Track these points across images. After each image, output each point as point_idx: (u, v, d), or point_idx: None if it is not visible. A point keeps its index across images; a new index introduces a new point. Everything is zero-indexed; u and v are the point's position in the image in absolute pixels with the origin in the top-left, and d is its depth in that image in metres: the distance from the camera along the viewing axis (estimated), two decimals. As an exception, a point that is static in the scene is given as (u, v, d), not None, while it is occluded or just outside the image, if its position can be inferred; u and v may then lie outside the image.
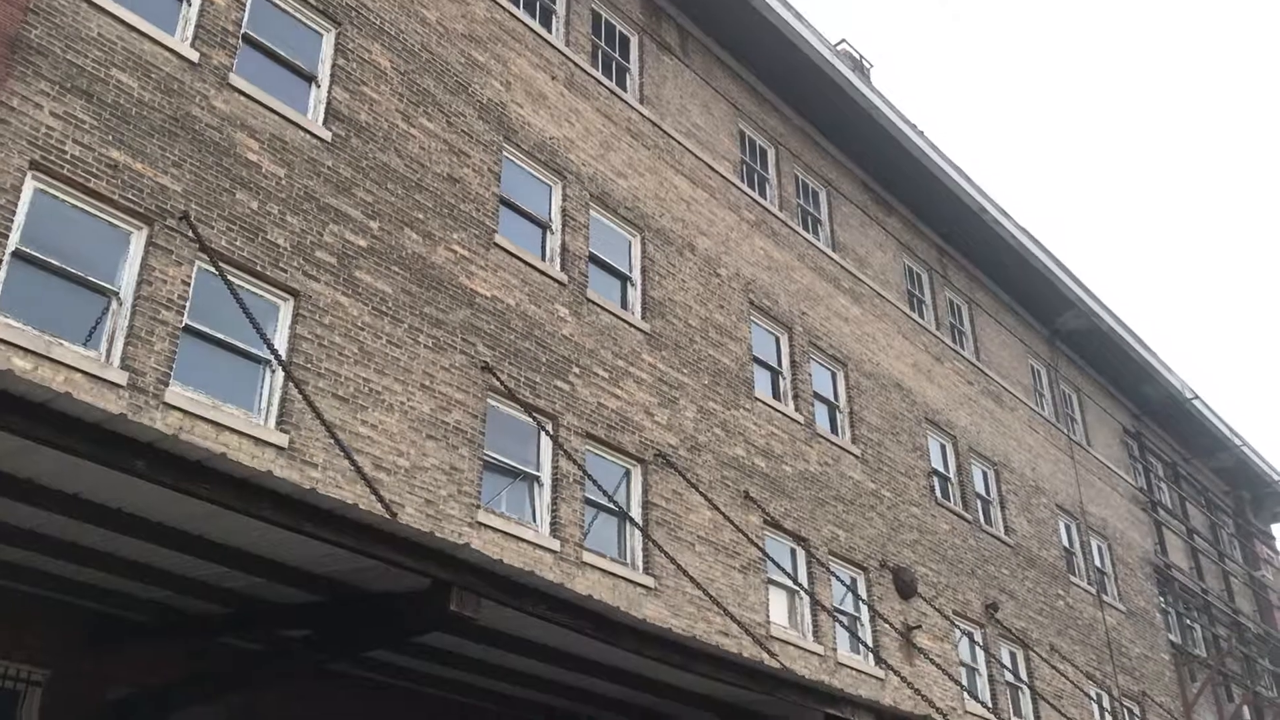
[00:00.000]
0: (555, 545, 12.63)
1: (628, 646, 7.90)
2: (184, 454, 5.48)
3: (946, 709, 16.76)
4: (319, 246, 11.12)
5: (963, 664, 18.71)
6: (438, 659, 8.79)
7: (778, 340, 17.75)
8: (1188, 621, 27.54)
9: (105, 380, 8.93)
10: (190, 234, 9.92)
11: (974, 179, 22.19)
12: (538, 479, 13.06)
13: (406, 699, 10.18)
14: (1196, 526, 29.96)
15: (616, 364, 14.32)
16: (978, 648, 19.18)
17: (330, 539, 6.08)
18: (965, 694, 17.98)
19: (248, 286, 10.42)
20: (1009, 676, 19.85)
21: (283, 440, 10.12)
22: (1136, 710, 22.91)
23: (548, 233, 14.32)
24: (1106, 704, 22.03)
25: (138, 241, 9.79)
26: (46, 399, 4.97)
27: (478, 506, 11.98)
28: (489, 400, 12.58)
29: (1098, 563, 24.25)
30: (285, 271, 10.73)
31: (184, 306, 9.91)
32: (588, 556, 12.99)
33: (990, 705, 18.38)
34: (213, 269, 9.93)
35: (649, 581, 13.54)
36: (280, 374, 10.29)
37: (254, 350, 10.38)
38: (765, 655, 11.76)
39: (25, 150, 9.12)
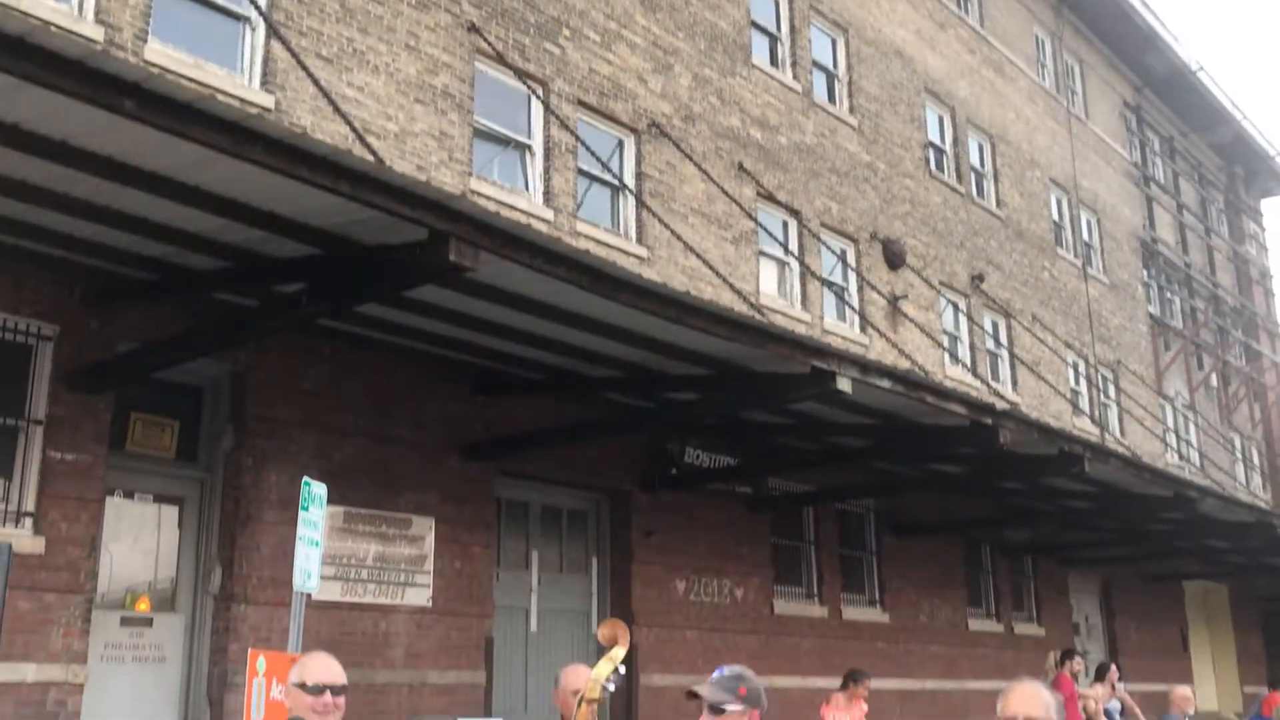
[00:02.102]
0: (549, 215, 12.67)
1: (624, 301, 8.05)
2: (173, 94, 5.35)
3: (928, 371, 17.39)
4: (291, -107, 10.42)
5: (946, 332, 19.29)
6: (433, 315, 9.00)
7: (777, 2, 17.07)
8: (1168, 295, 28.18)
9: (79, 35, 8.60)
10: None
11: None
12: (529, 148, 12.92)
13: (402, 356, 10.52)
14: (1187, 202, 30.08)
15: (608, 26, 13.82)
16: (961, 317, 19.71)
17: (325, 185, 6.04)
18: (947, 358, 18.64)
19: (219, -64, 9.86)
20: (990, 344, 20.52)
21: (268, 101, 9.91)
22: (1110, 377, 23.84)
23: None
24: (1082, 370, 22.91)
25: (97, -116, 9.16)
26: (24, 31, 4.79)
27: (469, 174, 11.91)
28: (477, 64, 12.22)
29: (1085, 236, 24.50)
30: (257, -80, 10.11)
31: (154, -43, 9.42)
32: (581, 227, 13.06)
33: (970, 369, 19.09)
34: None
35: (642, 252, 13.69)
36: (262, 32, 9.93)
37: (234, 7, 9.97)
38: (756, 315, 12.06)
39: None
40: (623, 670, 5.13)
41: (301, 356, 10.04)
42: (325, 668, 4.27)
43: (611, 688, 5.09)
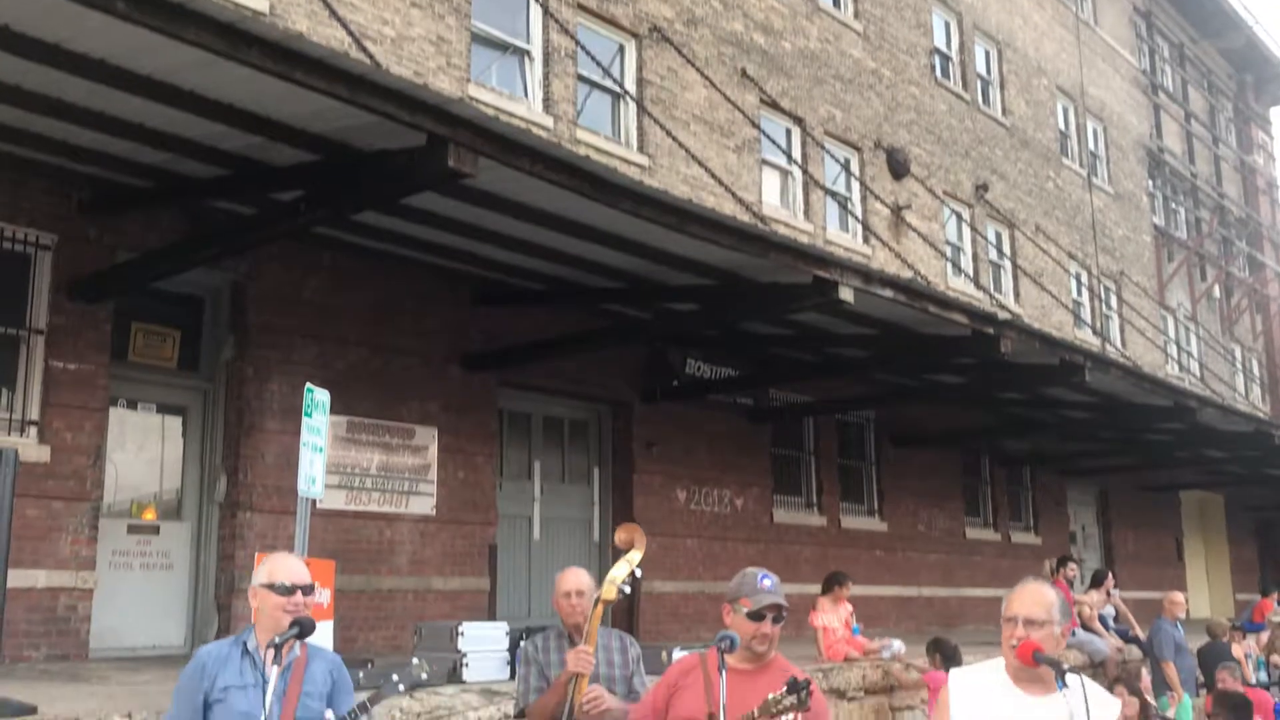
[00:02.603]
0: (548, 122, 12.51)
1: (625, 209, 7.97)
2: (163, -5, 5.24)
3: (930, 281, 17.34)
4: None
5: (949, 243, 19.18)
6: (433, 224, 8.93)
7: (780, -95, 16.65)
8: (1173, 205, 27.97)
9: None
10: None
11: None
12: (528, 53, 12.71)
13: (402, 266, 10.47)
14: (1195, 111, 29.70)
15: (608, -74, 13.49)
16: (965, 227, 19.58)
17: (322, 89, 5.94)
18: (949, 269, 18.57)
19: None
20: (993, 255, 20.43)
21: (263, 5, 9.71)
22: (1113, 287, 23.78)
23: None
24: (1085, 282, 22.84)
25: None
26: (9, -71, 4.67)
27: (467, 80, 11.74)
28: (474, -34, 11.96)
29: (1091, 146, 24.23)
30: None
31: None
32: (581, 134, 12.91)
33: (973, 281, 19.03)
34: None
35: (643, 161, 13.55)
36: (253, -67, 9.68)
37: (222, -94, 9.70)
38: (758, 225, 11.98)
39: None
40: (639, 573, 5.19)
41: (302, 266, 10.00)
42: (293, 568, 4.18)
43: (628, 589, 5.16)
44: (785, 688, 3.75)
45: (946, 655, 9.29)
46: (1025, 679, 3.73)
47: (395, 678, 3.90)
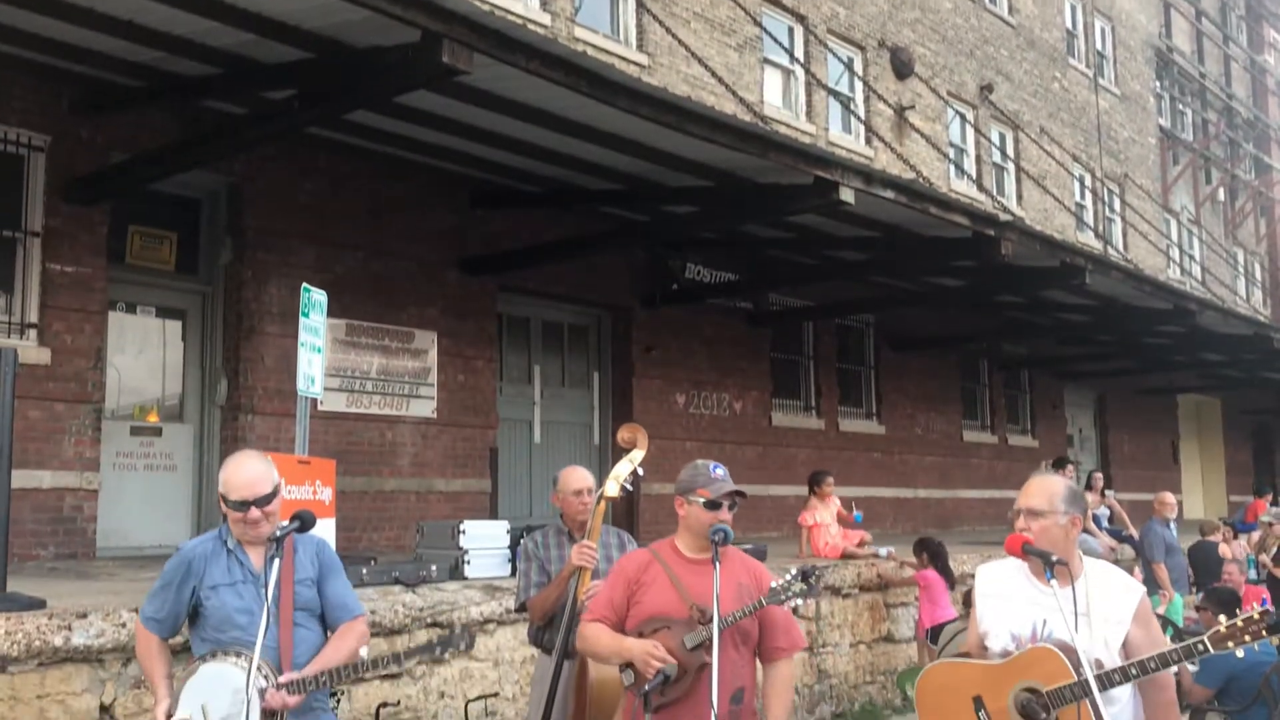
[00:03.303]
0: (545, 19, 12.29)
1: (623, 107, 7.85)
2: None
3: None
4: None
5: (952, 144, 18.98)
6: (429, 124, 8.83)
7: None
8: (1180, 107, 27.60)
9: None
10: None
11: None
12: (525, -52, 12.42)
13: (398, 168, 10.38)
14: (1206, 9, 29.12)
15: None
16: (969, 129, 19.35)
17: (313, -18, 5.83)
18: (952, 171, 18.41)
19: None
20: (996, 157, 20.22)
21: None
22: (1116, 190, 23.59)
23: None
24: (1088, 184, 22.65)
25: None
26: None
27: (464, -23, 11.48)
28: None
29: (1099, 45, 23.81)
30: None
31: None
32: (579, 32, 12.69)
33: (976, 183, 18.87)
34: None
35: (642, 59, 13.34)
36: None
37: None
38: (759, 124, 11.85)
39: None
40: (640, 472, 5.24)
41: (298, 169, 9.92)
42: (248, 478, 3.89)
43: (630, 487, 5.22)
44: (796, 573, 3.77)
45: (933, 553, 9.51)
46: (1040, 570, 3.74)
47: (435, 641, 3.90)
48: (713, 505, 4.01)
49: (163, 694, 3.87)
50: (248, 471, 3.94)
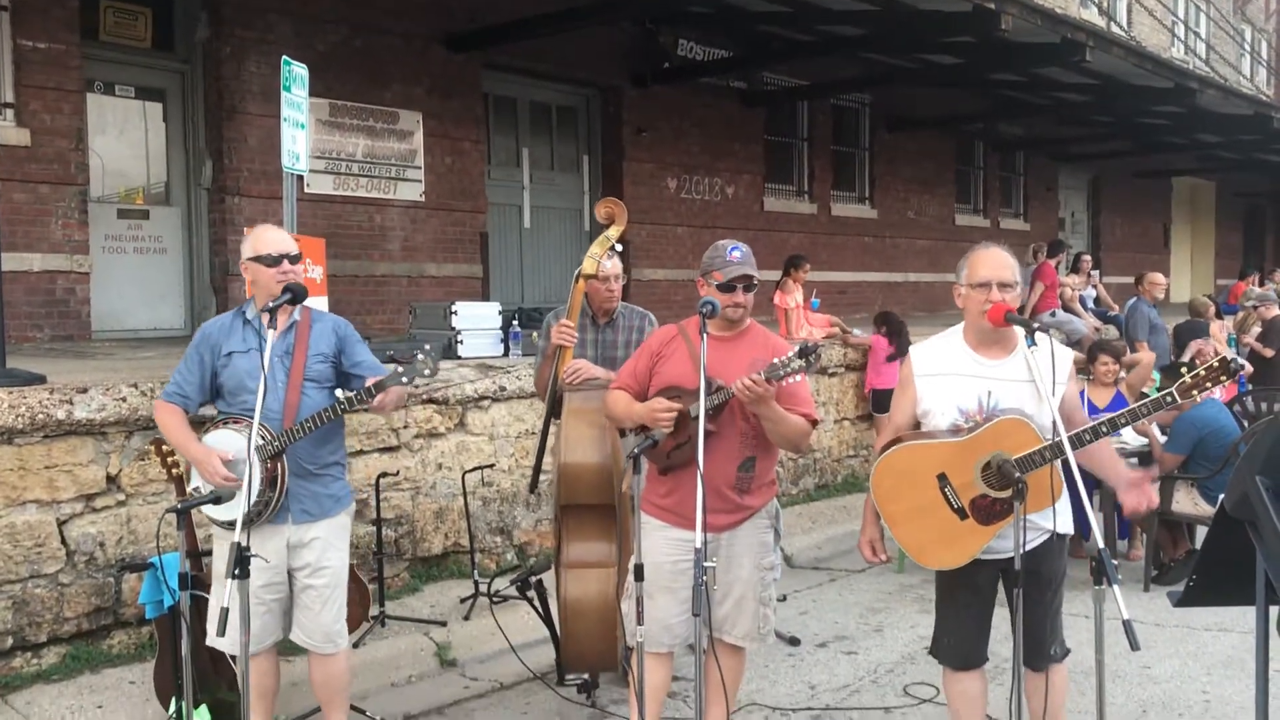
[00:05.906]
0: None
1: None
2: None
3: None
4: None
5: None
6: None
7: None
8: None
9: None
10: None
11: None
12: None
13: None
14: None
15: None
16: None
17: None
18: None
19: None
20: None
21: None
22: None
23: None
24: (1095, -42, 21.78)
25: None
26: None
27: None
28: None
29: None
30: None
31: None
32: None
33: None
34: None
35: None
36: None
37: None
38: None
39: None
40: (619, 247, 5.23)
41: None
42: (277, 239, 4.26)
43: (609, 264, 5.21)
44: (795, 350, 3.84)
45: (893, 329, 9.71)
46: (987, 343, 3.82)
47: (400, 370, 3.98)
48: (727, 288, 4.09)
49: (202, 449, 4.06)
50: (274, 233, 4.33)
